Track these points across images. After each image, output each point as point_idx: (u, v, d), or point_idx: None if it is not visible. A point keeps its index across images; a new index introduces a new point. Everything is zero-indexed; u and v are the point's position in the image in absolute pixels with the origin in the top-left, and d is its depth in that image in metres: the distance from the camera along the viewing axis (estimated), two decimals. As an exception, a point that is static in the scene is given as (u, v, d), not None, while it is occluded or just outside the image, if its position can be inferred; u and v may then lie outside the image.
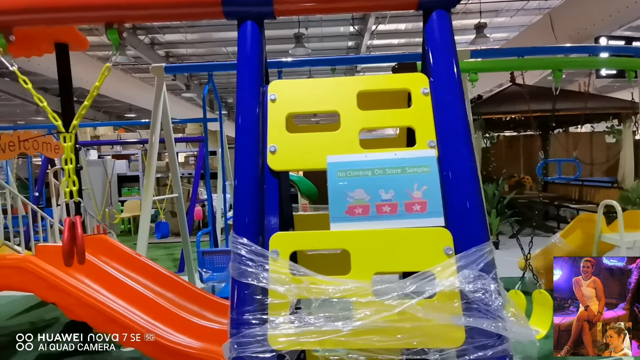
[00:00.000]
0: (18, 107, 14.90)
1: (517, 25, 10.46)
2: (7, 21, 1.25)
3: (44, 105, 1.34)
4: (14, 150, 2.54)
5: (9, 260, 2.54)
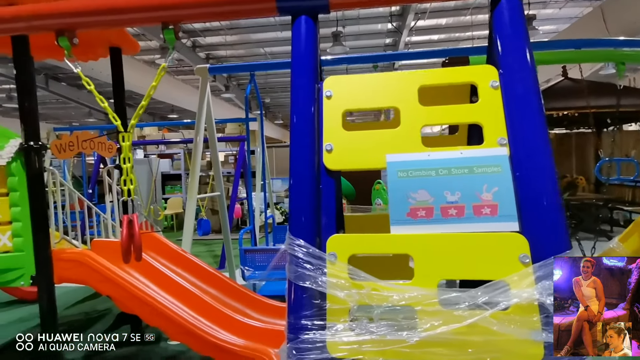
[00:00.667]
0: (73, 110, 15.89)
1: (567, 18, 9.84)
2: (72, 24, 1.29)
3: (105, 105, 1.37)
4: (73, 149, 2.66)
5: (68, 254, 2.67)
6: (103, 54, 3.36)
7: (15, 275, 2.54)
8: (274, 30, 9.54)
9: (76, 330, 3.62)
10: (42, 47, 2.64)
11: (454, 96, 1.33)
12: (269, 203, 5.57)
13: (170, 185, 10.35)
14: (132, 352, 3.12)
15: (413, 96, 1.13)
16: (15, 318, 3.97)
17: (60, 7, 1.26)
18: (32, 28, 1.39)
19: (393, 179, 1.07)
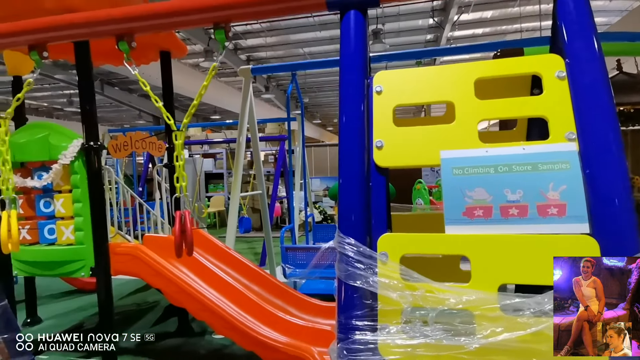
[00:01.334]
0: (124, 113, 16.88)
1: (617, 10, 9.11)
2: (131, 28, 1.36)
3: (159, 105, 1.43)
4: (127, 149, 2.81)
5: (123, 248, 2.82)
6: (154, 58, 3.52)
7: (77, 267, 2.72)
8: (312, 30, 9.59)
9: (129, 320, 3.83)
10: (99, 53, 2.81)
11: (510, 89, 1.25)
12: (308, 202, 5.60)
13: (213, 183, 10.70)
14: (179, 344, 3.25)
15: (469, 89, 1.08)
16: (75, 307, 4.26)
17: (120, 13, 1.33)
18: (94, 34, 1.47)
19: (447, 176, 1.02)
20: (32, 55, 1.51)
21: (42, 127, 2.78)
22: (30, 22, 1.44)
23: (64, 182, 2.67)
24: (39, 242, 2.76)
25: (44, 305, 4.16)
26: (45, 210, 2.74)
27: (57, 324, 3.79)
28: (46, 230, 2.74)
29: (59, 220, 2.72)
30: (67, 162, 2.60)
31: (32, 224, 2.75)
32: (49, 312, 4.05)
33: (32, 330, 3.65)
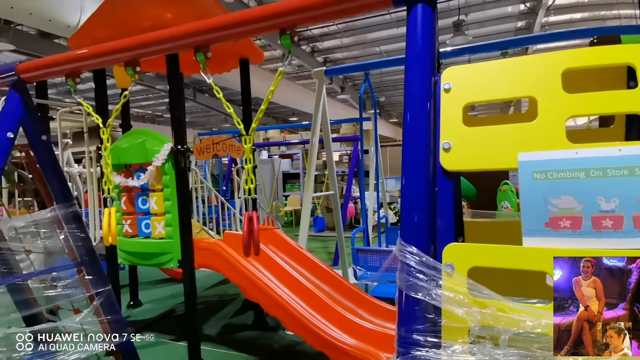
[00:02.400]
0: (213, 117, 18.35)
1: None
2: (205, 40, 1.45)
3: (230, 111, 1.50)
4: (210, 151, 3.04)
5: (205, 243, 3.07)
6: (234, 65, 3.75)
7: (167, 259, 3.02)
8: (389, 27, 9.40)
9: (212, 309, 4.14)
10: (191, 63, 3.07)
11: (601, 82, 1.08)
12: (382, 203, 5.49)
13: (290, 183, 11.10)
14: (254, 336, 3.42)
15: (555, 82, 0.94)
16: (168, 294, 4.74)
17: (196, 27, 1.43)
18: (178, 47, 1.60)
19: (527, 181, 0.91)
20: (128, 70, 1.69)
21: (141, 133, 3.13)
22: (124, 41, 1.63)
23: (157, 182, 2.98)
24: (138, 235, 3.12)
25: (144, 291, 4.70)
26: (143, 207, 3.08)
27: (154, 308, 4.25)
28: (143, 225, 3.08)
29: (153, 216, 3.04)
30: (159, 164, 2.89)
31: (133, 219, 3.11)
32: (148, 296, 4.56)
33: (134, 312, 4.14)
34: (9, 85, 1.98)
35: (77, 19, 5.27)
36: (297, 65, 11.20)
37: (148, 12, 2.95)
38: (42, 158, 2.18)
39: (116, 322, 2.46)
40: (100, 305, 2.36)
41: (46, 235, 2.35)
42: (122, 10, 3.13)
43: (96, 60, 1.76)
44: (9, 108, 1.95)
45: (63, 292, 2.38)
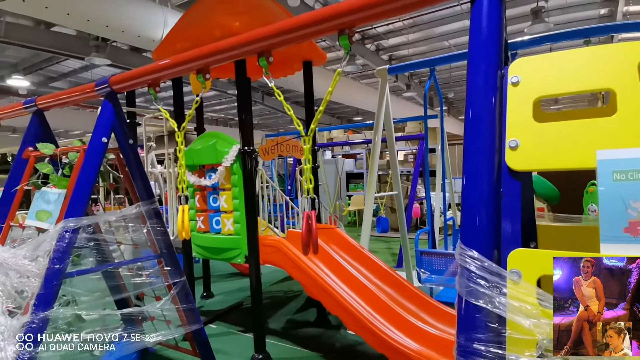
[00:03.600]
0: (280, 119, 19.02)
1: None
2: (266, 45, 1.52)
3: (290, 113, 1.55)
4: (274, 152, 3.16)
5: (269, 240, 3.19)
6: (298, 68, 3.85)
7: (235, 254, 3.19)
8: (459, 19, 8.95)
9: (276, 304, 4.29)
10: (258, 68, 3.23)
11: None
12: (450, 204, 5.25)
13: (353, 183, 11.10)
14: (317, 334, 3.48)
15: (635, 74, 0.83)
16: (237, 287, 5.02)
17: (257, 34, 1.50)
18: (242, 54, 1.70)
19: (606, 182, 0.81)
20: (198, 77, 1.83)
21: (212, 136, 3.36)
22: (194, 51, 1.76)
23: (226, 181, 3.17)
24: (209, 231, 3.34)
25: (216, 283, 5.02)
26: (214, 205, 3.29)
27: (224, 300, 4.53)
28: (214, 222, 3.29)
29: (223, 214, 3.24)
30: (228, 164, 3.08)
31: (205, 215, 3.34)
32: (220, 289, 4.87)
33: (207, 303, 4.45)
34: (103, 96, 2.25)
35: (161, 33, 5.80)
36: (361, 64, 11.15)
37: (218, 21, 3.16)
38: (129, 160, 2.44)
39: (190, 311, 2.67)
40: (177, 294, 2.58)
41: (133, 228, 2.62)
42: (196, 22, 3.38)
43: (172, 70, 1.93)
44: (104, 116, 2.21)
45: (147, 281, 2.64)
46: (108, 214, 2.44)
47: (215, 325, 3.77)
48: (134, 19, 5.66)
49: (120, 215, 2.40)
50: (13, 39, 7.55)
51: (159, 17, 5.77)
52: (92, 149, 2.18)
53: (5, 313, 2.00)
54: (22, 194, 2.46)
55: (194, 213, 3.40)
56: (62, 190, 2.28)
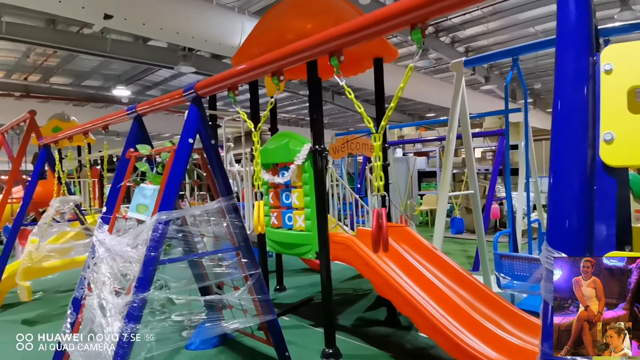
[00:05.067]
0: (350, 118, 19.09)
1: None
2: (337, 45, 1.54)
3: (361, 111, 1.56)
4: (344, 150, 3.19)
5: (339, 238, 3.24)
6: (369, 66, 3.84)
7: (306, 249, 3.29)
8: (546, 4, 8.17)
9: (346, 301, 4.33)
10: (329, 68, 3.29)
11: None
12: (535, 204, 4.82)
13: (426, 182, 10.72)
14: (387, 333, 3.44)
15: None
16: (308, 282, 5.17)
17: (327, 35, 1.54)
18: (313, 55, 1.75)
19: None
20: (273, 79, 1.93)
21: (285, 136, 3.50)
22: (268, 55, 1.85)
23: (298, 179, 3.28)
24: (282, 227, 3.49)
25: (288, 277, 5.22)
26: (286, 202, 3.43)
27: (296, 294, 4.70)
28: (286, 218, 3.43)
29: (295, 210, 3.36)
30: (300, 162, 3.18)
31: (278, 212, 3.50)
32: (292, 283, 5.06)
33: (279, 296, 4.65)
34: (189, 101, 2.47)
35: (239, 39, 6.19)
36: (434, 58, 10.72)
37: (291, 25, 3.27)
38: (211, 159, 2.66)
39: (265, 302, 2.81)
40: (253, 285, 2.74)
41: (214, 222, 2.84)
42: (271, 27, 3.55)
43: (249, 74, 2.06)
44: (190, 119, 2.43)
45: (226, 271, 2.85)
46: (193, 208, 2.67)
47: (287, 317, 3.93)
48: (215, 28, 6.11)
49: (204, 209, 2.62)
50: (117, 53, 8.62)
51: (237, 24, 6.14)
52: (181, 149, 2.40)
53: (112, 293, 2.30)
54: (125, 190, 2.80)
55: (267, 209, 3.57)
56: (157, 186, 2.55)
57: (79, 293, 2.58)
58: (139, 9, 5.38)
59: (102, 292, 2.35)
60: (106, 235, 2.62)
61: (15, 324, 4.03)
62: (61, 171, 4.00)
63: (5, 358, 3.20)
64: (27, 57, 10.18)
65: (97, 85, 13.10)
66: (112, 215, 2.76)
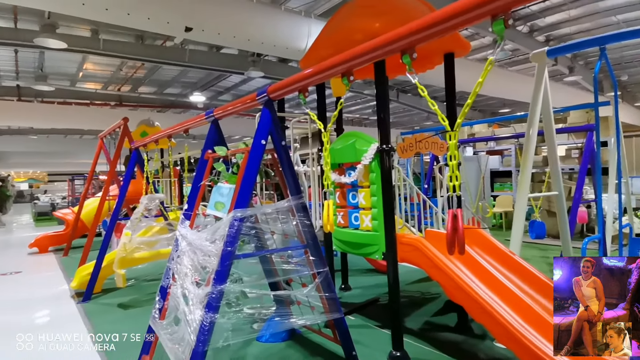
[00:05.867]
0: (415, 116, 18.57)
1: None
2: (410, 42, 1.52)
3: (435, 108, 1.52)
4: (413, 150, 3.12)
5: (407, 239, 3.17)
6: (439, 62, 3.71)
7: (373, 250, 3.27)
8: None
9: (413, 304, 4.22)
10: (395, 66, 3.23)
11: None
12: (626, 208, 4.28)
13: (499, 182, 10.04)
14: (457, 340, 3.29)
15: None
16: (373, 283, 5.12)
17: (399, 33, 1.52)
18: (384, 54, 1.74)
19: None
20: (343, 80, 1.95)
21: (351, 136, 3.51)
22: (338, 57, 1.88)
23: (364, 179, 3.27)
24: (348, 227, 3.51)
25: (353, 277, 5.23)
26: (353, 201, 3.44)
27: (361, 294, 4.69)
28: (353, 217, 3.44)
29: (361, 210, 3.35)
30: (367, 162, 3.17)
31: (344, 211, 3.52)
32: (357, 283, 5.06)
33: (345, 295, 4.67)
34: (262, 104, 2.59)
35: (305, 43, 6.34)
36: (510, 49, 10.03)
37: (359, 25, 3.27)
38: (282, 159, 2.76)
39: (332, 300, 2.85)
40: (321, 283, 2.79)
41: (283, 220, 2.94)
42: (338, 28, 3.58)
43: (319, 76, 2.10)
44: (263, 121, 2.55)
45: (295, 268, 2.94)
46: (265, 206, 2.79)
47: (353, 317, 3.93)
48: (283, 33, 6.32)
49: (275, 208, 2.73)
50: (194, 62, 9.34)
51: (304, 28, 6.30)
52: (254, 150, 2.53)
53: (193, 283, 2.49)
54: (204, 189, 3.02)
55: (334, 209, 3.60)
56: (232, 185, 2.72)
57: (165, 282, 2.83)
58: (215, 20, 5.76)
59: (185, 282, 2.56)
60: (188, 230, 2.85)
61: (112, 306, 4.54)
62: (149, 171, 4.43)
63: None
64: (120, 70, 11.43)
65: (176, 93, 14.28)
66: (193, 212, 2.98)
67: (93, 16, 5.36)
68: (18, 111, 12.60)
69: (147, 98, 14.39)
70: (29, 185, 32.08)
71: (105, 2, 5.01)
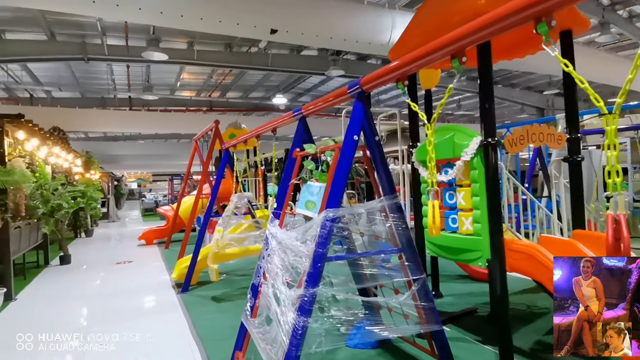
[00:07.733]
0: (505, 109, 17.05)
1: None
2: (549, 6, 1.23)
3: (584, 86, 1.21)
4: (524, 143, 2.72)
5: (518, 246, 2.76)
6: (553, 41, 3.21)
7: (475, 256, 2.92)
8: None
9: (519, 319, 3.72)
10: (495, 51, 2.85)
11: None
12: None
13: (615, 181, 8.66)
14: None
15: None
16: (468, 291, 4.68)
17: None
18: (507, 26, 1.46)
19: None
20: (453, 62, 1.70)
21: (449, 129, 3.19)
22: (449, 36, 1.63)
23: (464, 177, 2.94)
24: (444, 229, 3.19)
25: (444, 283, 4.83)
26: (450, 202, 3.12)
27: (454, 302, 4.30)
28: (450, 220, 3.12)
29: (460, 212, 3.02)
30: (468, 158, 2.83)
31: (440, 212, 3.20)
32: (448, 290, 4.66)
33: (436, 303, 4.31)
34: (354, 97, 2.44)
35: (389, 36, 6.07)
36: (617, 33, 8.72)
37: (457, 7, 2.96)
38: (374, 156, 2.58)
39: (430, 310, 2.59)
40: (417, 291, 2.55)
41: (373, 221, 2.76)
42: (431, 15, 3.29)
43: (423, 60, 1.87)
44: (355, 115, 2.40)
45: (386, 273, 2.74)
46: (357, 206, 2.64)
47: (447, 327, 3.60)
48: (365, 28, 6.14)
49: (368, 208, 2.56)
50: (277, 66, 9.63)
51: (388, 21, 6.04)
52: (346, 146, 2.39)
53: (285, 284, 2.43)
54: (293, 187, 2.96)
55: (425, 209, 3.32)
56: (322, 184, 2.61)
57: (256, 280, 2.83)
58: (298, 20, 5.80)
59: (276, 282, 2.51)
60: (277, 229, 2.81)
61: (206, 299, 4.79)
62: (238, 171, 4.57)
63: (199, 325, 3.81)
64: (211, 77, 12.31)
65: (260, 96, 14.96)
66: (282, 211, 2.95)
67: (191, 26, 5.75)
68: (130, 119, 14.38)
69: (234, 102, 15.31)
70: (138, 185, 36.44)
71: (200, 12, 5.32)
